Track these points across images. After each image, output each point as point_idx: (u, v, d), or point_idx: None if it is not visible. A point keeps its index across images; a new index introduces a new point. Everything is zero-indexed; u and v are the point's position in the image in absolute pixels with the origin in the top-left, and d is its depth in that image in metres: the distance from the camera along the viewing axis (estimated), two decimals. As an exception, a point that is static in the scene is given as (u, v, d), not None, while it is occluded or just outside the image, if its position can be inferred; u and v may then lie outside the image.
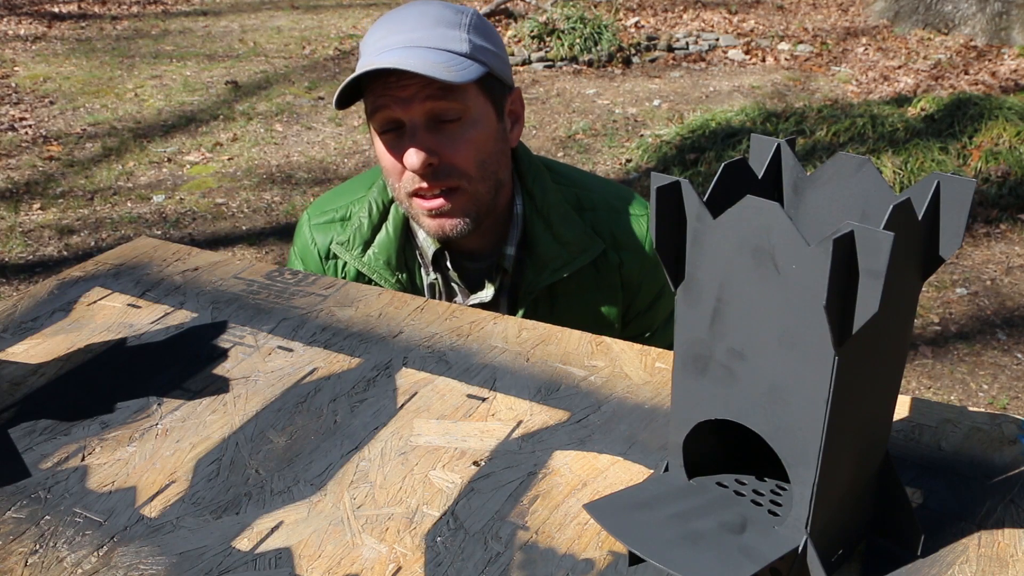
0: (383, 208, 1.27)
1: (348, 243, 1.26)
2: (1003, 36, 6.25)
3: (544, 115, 5.29)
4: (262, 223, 4.02)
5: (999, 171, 3.99)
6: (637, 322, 1.32)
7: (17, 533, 0.73)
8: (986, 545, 0.67)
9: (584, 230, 1.25)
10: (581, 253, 1.24)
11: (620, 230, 1.28)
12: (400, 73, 1.09)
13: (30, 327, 1.03)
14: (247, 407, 0.88)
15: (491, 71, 1.15)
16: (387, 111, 1.13)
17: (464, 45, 1.13)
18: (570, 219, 1.24)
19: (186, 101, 5.56)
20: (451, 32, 1.13)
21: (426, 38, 1.12)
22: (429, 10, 1.15)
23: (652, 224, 0.58)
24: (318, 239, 1.31)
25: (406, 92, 1.11)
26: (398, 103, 1.12)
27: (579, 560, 0.68)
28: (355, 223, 1.27)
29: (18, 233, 3.91)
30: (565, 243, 1.23)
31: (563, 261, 1.23)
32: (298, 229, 1.36)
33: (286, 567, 0.68)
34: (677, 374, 0.64)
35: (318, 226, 1.31)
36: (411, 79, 1.10)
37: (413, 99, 1.11)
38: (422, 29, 1.13)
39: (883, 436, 0.65)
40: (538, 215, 1.24)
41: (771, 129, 4.55)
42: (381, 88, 1.12)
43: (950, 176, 0.57)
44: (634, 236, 1.28)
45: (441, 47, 1.11)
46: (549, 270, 1.23)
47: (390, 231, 1.26)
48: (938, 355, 3.02)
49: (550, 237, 1.23)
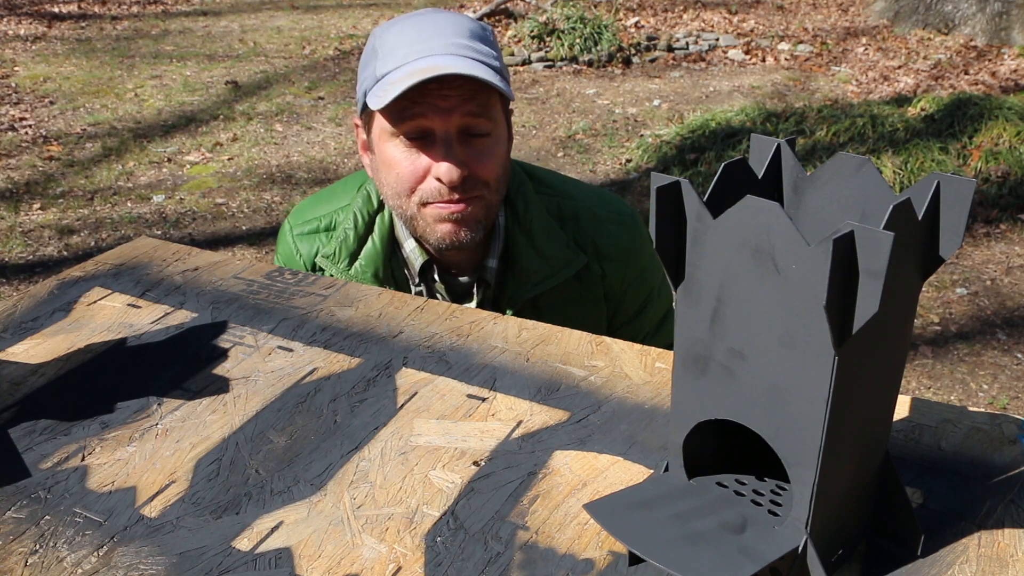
0: (368, 219, 1.24)
1: (334, 256, 1.24)
2: (1003, 36, 6.25)
3: (544, 115, 5.29)
4: (262, 223, 4.02)
5: (999, 171, 3.99)
6: (623, 331, 1.31)
7: (17, 533, 0.73)
8: (986, 545, 0.67)
9: (566, 243, 1.23)
10: (563, 267, 1.23)
11: (602, 240, 1.26)
12: (443, 80, 1.06)
13: (30, 327, 1.03)
14: (247, 407, 0.88)
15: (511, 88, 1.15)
16: (422, 119, 1.09)
17: (496, 62, 1.11)
18: (552, 233, 1.23)
19: (186, 101, 5.56)
20: (484, 47, 1.11)
21: (468, 48, 1.09)
22: (462, 21, 1.13)
23: (652, 224, 0.58)
24: (302, 249, 1.28)
25: (448, 103, 1.08)
26: (437, 112, 1.08)
27: (579, 560, 0.68)
28: (340, 235, 1.24)
29: (18, 233, 3.91)
30: (547, 257, 1.22)
31: (544, 275, 1.22)
32: (280, 236, 1.33)
33: (286, 567, 0.69)
34: (677, 374, 0.64)
35: (301, 236, 1.29)
36: (452, 89, 1.07)
37: (453, 111, 1.08)
38: (462, 38, 1.10)
39: (883, 436, 0.65)
40: (520, 229, 1.23)
41: (771, 129, 4.55)
42: (418, 94, 1.07)
43: (950, 176, 0.57)
44: (617, 246, 1.27)
45: (482, 60, 1.09)
46: (531, 284, 1.22)
47: (376, 243, 1.24)
48: (938, 355, 3.02)
49: (532, 251, 1.22)
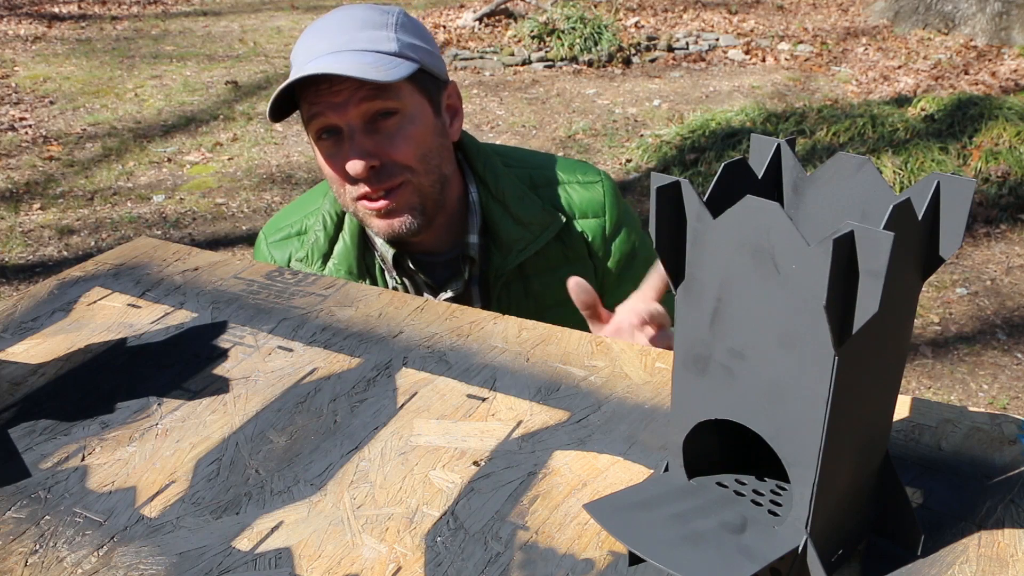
0: (337, 219, 1.27)
1: (307, 258, 1.26)
2: (1003, 36, 6.25)
3: (544, 115, 5.29)
4: (262, 223, 4.02)
5: (999, 171, 3.99)
6: (613, 290, 1.32)
7: (17, 533, 0.73)
8: (986, 545, 0.67)
9: (543, 207, 1.25)
10: (543, 231, 1.25)
11: (577, 200, 1.29)
12: (331, 79, 1.10)
13: (30, 327, 1.03)
14: (247, 407, 0.88)
15: (423, 67, 1.15)
16: (323, 118, 1.13)
17: (392, 44, 1.13)
18: (527, 199, 1.25)
19: (186, 101, 5.56)
20: (378, 33, 1.13)
21: (353, 41, 1.12)
22: (355, 13, 1.16)
23: (652, 224, 0.58)
24: (276, 256, 1.31)
25: (339, 97, 1.11)
26: (333, 109, 1.12)
27: (579, 560, 0.68)
28: (311, 237, 1.27)
29: (18, 233, 3.91)
30: (525, 223, 1.24)
31: (526, 241, 1.24)
32: (256, 247, 1.36)
33: (286, 567, 0.69)
34: (677, 374, 0.64)
35: (275, 243, 1.31)
36: (343, 84, 1.10)
37: (347, 103, 1.11)
38: (348, 32, 1.13)
39: (883, 436, 0.65)
40: (494, 200, 1.25)
41: (771, 129, 4.55)
42: (313, 96, 1.12)
43: (950, 176, 0.57)
44: (592, 203, 1.29)
45: (369, 48, 1.12)
46: (515, 252, 1.24)
47: (347, 240, 1.26)
48: (938, 355, 3.02)
49: (510, 220, 1.24)
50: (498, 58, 6.24)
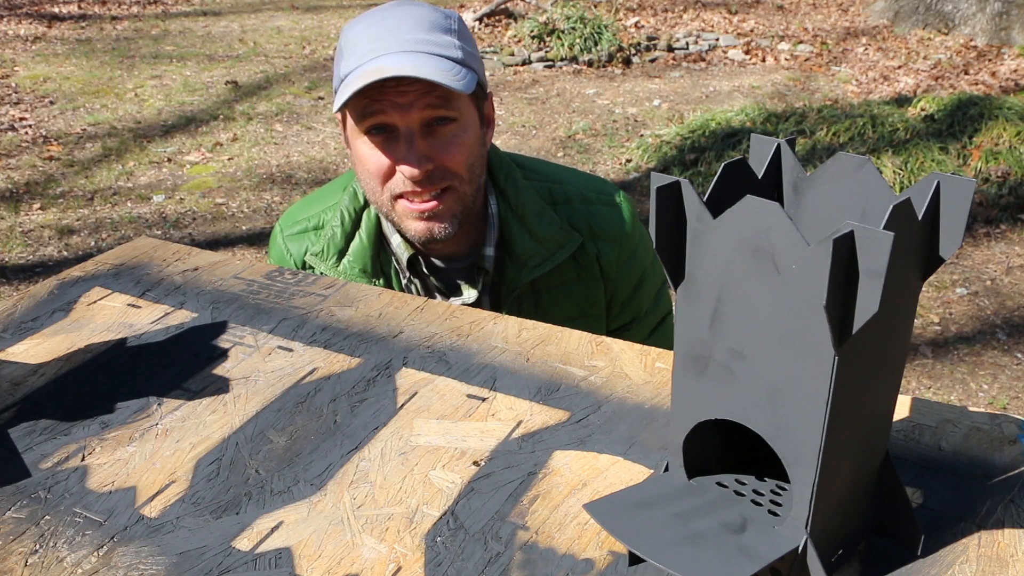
0: (355, 215, 1.26)
1: (322, 253, 1.25)
2: (1003, 36, 6.25)
3: (544, 115, 5.29)
4: (262, 223, 4.02)
5: (999, 171, 3.99)
6: (621, 311, 1.32)
7: (17, 533, 0.73)
8: (986, 545, 0.67)
9: (560, 225, 1.25)
10: (559, 249, 1.24)
11: (596, 221, 1.28)
12: (400, 78, 1.08)
13: (30, 327, 1.03)
14: (247, 407, 0.88)
15: (479, 78, 1.15)
16: (382, 116, 1.12)
17: (457, 51, 1.12)
18: (545, 215, 1.25)
19: (186, 101, 5.56)
20: (444, 37, 1.12)
21: (424, 43, 1.11)
22: (420, 12, 1.14)
23: (652, 224, 0.58)
24: (292, 249, 1.30)
25: (405, 98, 1.10)
26: (396, 108, 1.10)
27: (579, 560, 0.68)
28: (328, 232, 1.26)
29: (18, 233, 3.91)
30: (542, 240, 1.24)
31: (542, 258, 1.24)
32: (272, 239, 1.35)
33: (286, 567, 0.69)
34: (677, 374, 0.64)
35: (291, 236, 1.31)
36: (410, 85, 1.09)
37: (412, 106, 1.10)
38: (417, 32, 1.11)
39: (883, 436, 0.65)
40: (513, 214, 1.24)
41: (771, 129, 4.55)
42: (377, 92, 1.10)
43: (950, 176, 0.57)
44: (610, 225, 1.29)
45: (439, 53, 1.10)
46: (528, 268, 1.24)
47: (363, 238, 1.25)
48: (938, 355, 3.02)
49: (527, 235, 1.24)
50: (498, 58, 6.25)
